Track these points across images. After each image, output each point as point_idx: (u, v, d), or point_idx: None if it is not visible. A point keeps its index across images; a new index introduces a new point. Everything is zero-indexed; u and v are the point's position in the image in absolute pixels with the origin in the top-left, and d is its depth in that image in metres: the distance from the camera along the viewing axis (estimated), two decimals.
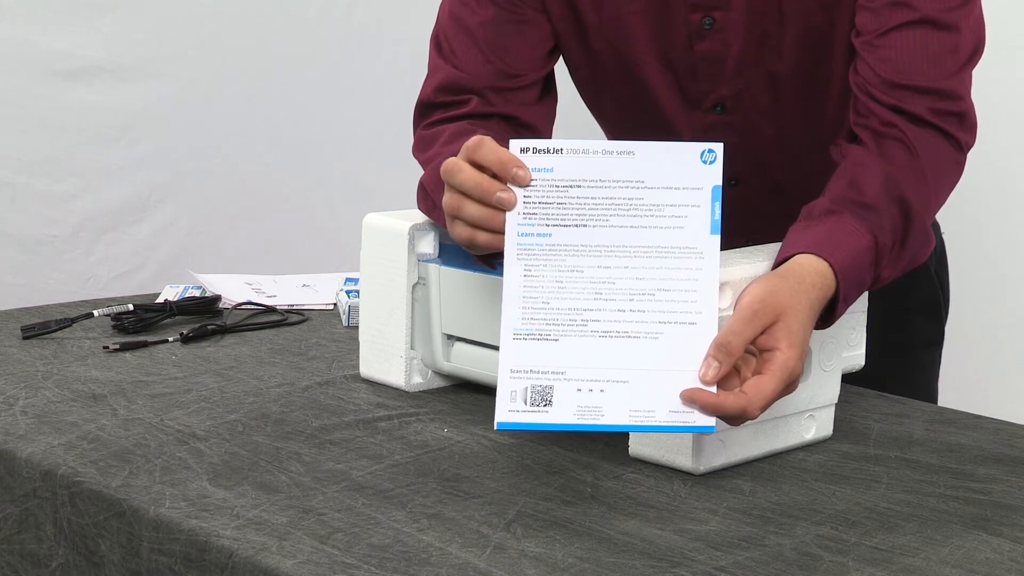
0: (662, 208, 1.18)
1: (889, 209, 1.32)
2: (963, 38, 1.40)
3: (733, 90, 1.51)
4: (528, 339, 1.15)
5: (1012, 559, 1.07)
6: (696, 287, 1.17)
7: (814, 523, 1.13)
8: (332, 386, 1.48)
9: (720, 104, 1.52)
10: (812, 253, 1.25)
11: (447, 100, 1.54)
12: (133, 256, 2.78)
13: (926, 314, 1.70)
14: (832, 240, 1.27)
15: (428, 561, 1.04)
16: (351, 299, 1.74)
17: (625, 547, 1.07)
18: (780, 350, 1.17)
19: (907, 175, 1.35)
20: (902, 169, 1.35)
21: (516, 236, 1.18)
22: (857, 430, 1.37)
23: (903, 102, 1.37)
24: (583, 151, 1.19)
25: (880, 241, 1.30)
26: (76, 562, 1.21)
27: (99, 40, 2.68)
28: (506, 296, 1.16)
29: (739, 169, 1.53)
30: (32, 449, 1.28)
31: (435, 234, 1.45)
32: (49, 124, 2.66)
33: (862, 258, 1.29)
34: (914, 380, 1.66)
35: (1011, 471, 1.27)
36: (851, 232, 1.29)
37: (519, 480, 1.21)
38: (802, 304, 1.21)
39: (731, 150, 1.50)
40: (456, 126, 1.51)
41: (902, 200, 1.33)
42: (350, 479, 1.21)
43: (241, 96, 2.86)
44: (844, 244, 1.28)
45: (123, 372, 1.52)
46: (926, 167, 1.37)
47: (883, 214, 1.31)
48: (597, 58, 1.54)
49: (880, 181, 1.33)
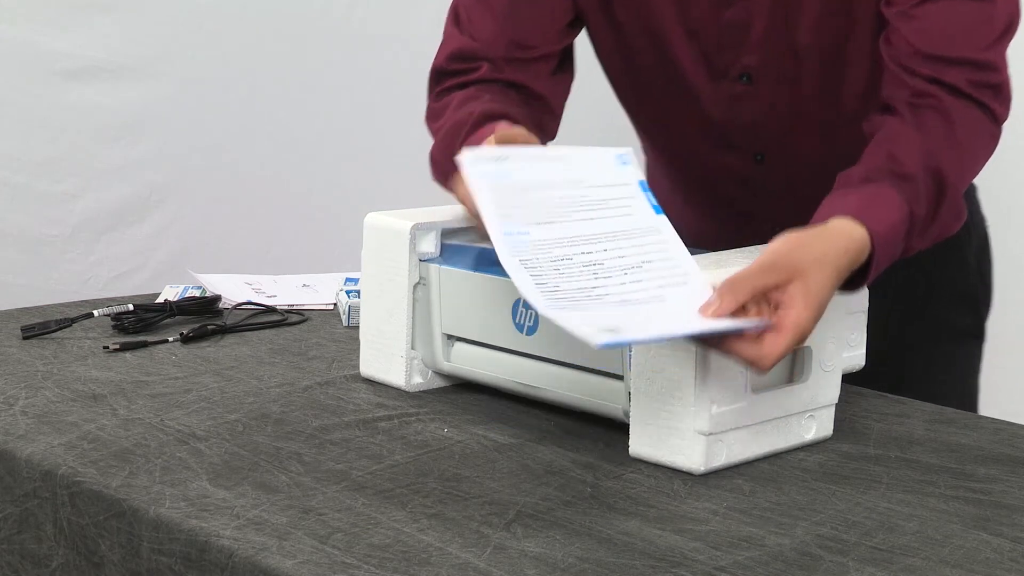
0: (607, 202, 1.27)
1: (925, 181, 1.32)
2: (997, 9, 1.40)
3: (759, 60, 1.50)
4: (565, 310, 1.17)
5: (1012, 559, 1.07)
6: (671, 255, 1.24)
7: (814, 523, 1.13)
8: (332, 386, 1.48)
9: (746, 74, 1.51)
10: (851, 217, 1.26)
11: (458, 68, 1.56)
12: (133, 256, 2.78)
13: (960, 305, 1.67)
14: (871, 208, 1.28)
15: (428, 561, 1.04)
16: (351, 299, 1.74)
17: (625, 547, 1.07)
18: (795, 309, 1.17)
19: (943, 146, 1.35)
20: (938, 140, 1.35)
21: (503, 235, 1.21)
22: (857, 430, 1.37)
23: (940, 73, 1.37)
24: (525, 158, 1.28)
25: (915, 213, 1.30)
26: (76, 562, 1.21)
27: (99, 40, 2.68)
28: (520, 287, 1.18)
29: (764, 144, 1.54)
30: (32, 449, 1.28)
31: (436, 234, 1.45)
32: (49, 124, 2.66)
33: (897, 229, 1.29)
34: (936, 374, 1.63)
35: (1011, 471, 1.27)
36: (889, 201, 1.29)
37: (519, 480, 1.21)
38: (827, 266, 1.21)
39: (756, 124, 1.52)
40: (464, 93, 1.53)
41: (937, 172, 1.33)
42: (350, 479, 1.21)
43: (241, 96, 2.86)
44: (882, 213, 1.28)
45: (123, 372, 1.52)
46: (962, 138, 1.36)
47: (919, 186, 1.31)
48: (622, 29, 1.53)
49: (918, 153, 1.33)
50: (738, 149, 1.57)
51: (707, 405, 1.21)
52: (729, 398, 1.23)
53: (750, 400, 1.25)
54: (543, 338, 1.35)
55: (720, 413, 1.22)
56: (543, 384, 1.37)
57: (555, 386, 1.36)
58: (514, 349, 1.39)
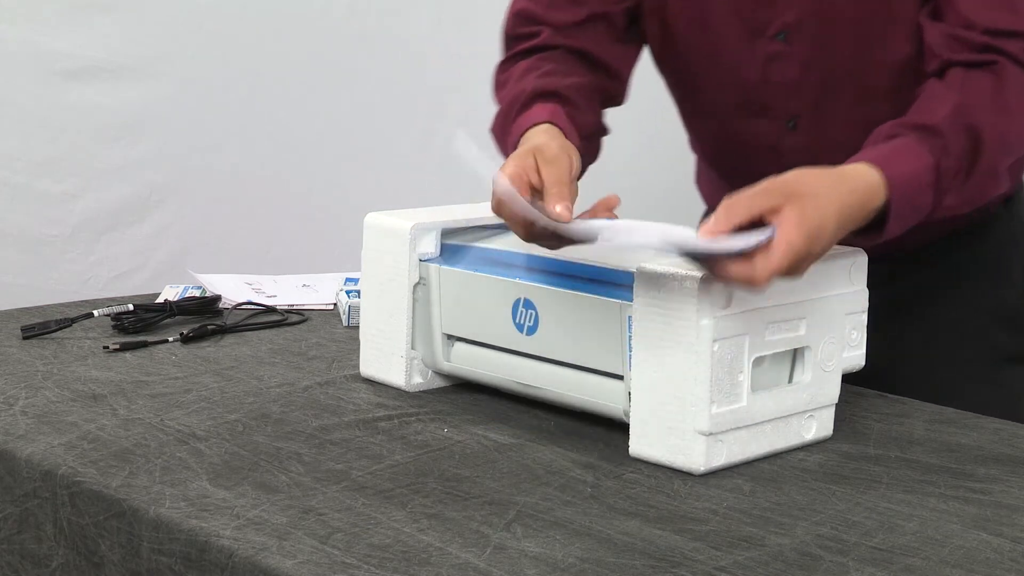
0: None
1: (956, 135, 1.31)
2: None
3: (796, 16, 1.49)
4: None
5: (1012, 559, 1.07)
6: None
7: (814, 523, 1.13)
8: (332, 386, 1.48)
9: (784, 32, 1.50)
10: (868, 163, 1.27)
11: (523, 32, 1.57)
12: (133, 256, 2.78)
13: (1006, 327, 1.62)
14: (890, 157, 1.28)
15: (428, 561, 1.04)
16: (351, 299, 1.74)
17: (625, 547, 1.07)
18: (786, 229, 1.18)
19: (984, 105, 1.34)
20: (979, 98, 1.35)
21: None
22: (857, 430, 1.37)
23: (1000, 43, 1.37)
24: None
25: (943, 165, 1.29)
26: (76, 562, 1.21)
27: (99, 40, 2.68)
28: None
29: (798, 108, 1.53)
30: (32, 449, 1.28)
31: (436, 234, 1.45)
32: (49, 124, 2.66)
33: (920, 178, 1.28)
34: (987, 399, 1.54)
35: (1011, 471, 1.27)
36: (911, 151, 1.29)
37: (519, 480, 1.21)
38: (829, 196, 1.21)
39: (792, 85, 1.50)
40: (527, 63, 1.54)
41: (972, 128, 1.32)
42: (350, 479, 1.21)
43: (241, 96, 2.86)
44: (901, 161, 1.28)
45: (123, 372, 1.52)
46: (1011, 102, 1.35)
47: (948, 138, 1.31)
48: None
49: (949, 107, 1.33)
50: (771, 114, 1.55)
51: (707, 405, 1.21)
52: (729, 398, 1.23)
53: (750, 400, 1.25)
54: (543, 338, 1.36)
55: (720, 413, 1.22)
56: (543, 384, 1.37)
57: (555, 386, 1.36)
58: (514, 349, 1.39)
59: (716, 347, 1.21)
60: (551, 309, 1.35)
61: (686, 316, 1.21)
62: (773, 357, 1.28)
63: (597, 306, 1.30)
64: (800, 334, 1.28)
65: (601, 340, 1.30)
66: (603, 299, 1.30)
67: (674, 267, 1.23)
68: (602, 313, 1.30)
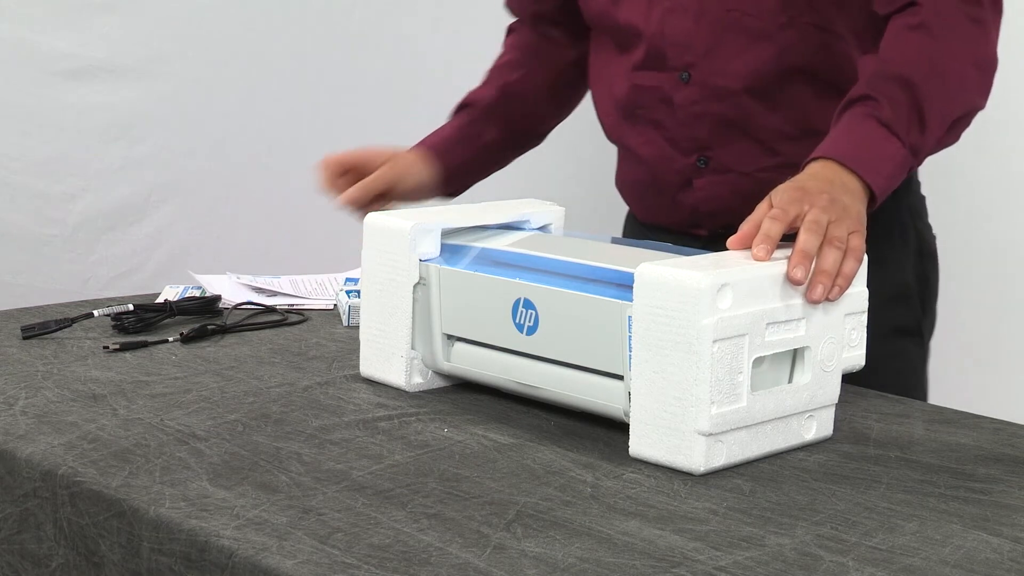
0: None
1: (881, 90, 1.43)
2: None
3: None
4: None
5: (1012, 559, 1.07)
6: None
7: (814, 523, 1.13)
8: (332, 386, 1.48)
9: None
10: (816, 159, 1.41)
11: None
12: (133, 256, 2.78)
13: (901, 302, 1.71)
14: (829, 140, 1.43)
15: (428, 561, 1.04)
16: (351, 299, 1.74)
17: (625, 547, 1.07)
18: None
19: (908, 48, 1.47)
20: (904, 44, 1.47)
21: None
22: (857, 430, 1.37)
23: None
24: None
25: (882, 118, 1.42)
26: (76, 562, 1.21)
27: (99, 40, 2.68)
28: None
29: (691, 58, 1.63)
30: (32, 449, 1.28)
31: (436, 234, 1.45)
32: (49, 124, 2.66)
33: (866, 138, 1.42)
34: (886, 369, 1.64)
35: (1011, 471, 1.27)
36: (845, 126, 1.43)
37: (519, 480, 1.21)
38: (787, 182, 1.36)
39: (687, 34, 1.64)
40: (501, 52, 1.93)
41: (893, 76, 1.44)
42: (350, 479, 1.21)
43: (241, 96, 2.86)
44: (837, 138, 1.43)
45: (123, 372, 1.52)
46: (934, 29, 1.47)
47: (876, 97, 1.43)
48: None
49: (867, 77, 1.46)
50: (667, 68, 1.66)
51: (707, 405, 1.21)
52: (729, 398, 1.23)
53: (750, 400, 1.25)
54: (543, 338, 1.36)
55: (720, 413, 1.22)
56: (543, 384, 1.37)
57: (555, 386, 1.36)
58: (514, 349, 1.39)
59: (716, 347, 1.21)
60: (551, 309, 1.35)
61: (686, 316, 1.21)
62: (773, 357, 1.28)
63: (597, 306, 1.30)
64: (800, 334, 1.28)
65: (601, 340, 1.30)
66: (603, 299, 1.30)
67: (674, 267, 1.23)
68: (602, 313, 1.30)
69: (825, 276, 1.28)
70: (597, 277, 1.33)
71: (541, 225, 1.54)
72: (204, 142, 2.83)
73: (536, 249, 1.41)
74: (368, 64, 2.96)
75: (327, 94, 2.94)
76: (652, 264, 1.24)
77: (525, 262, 1.40)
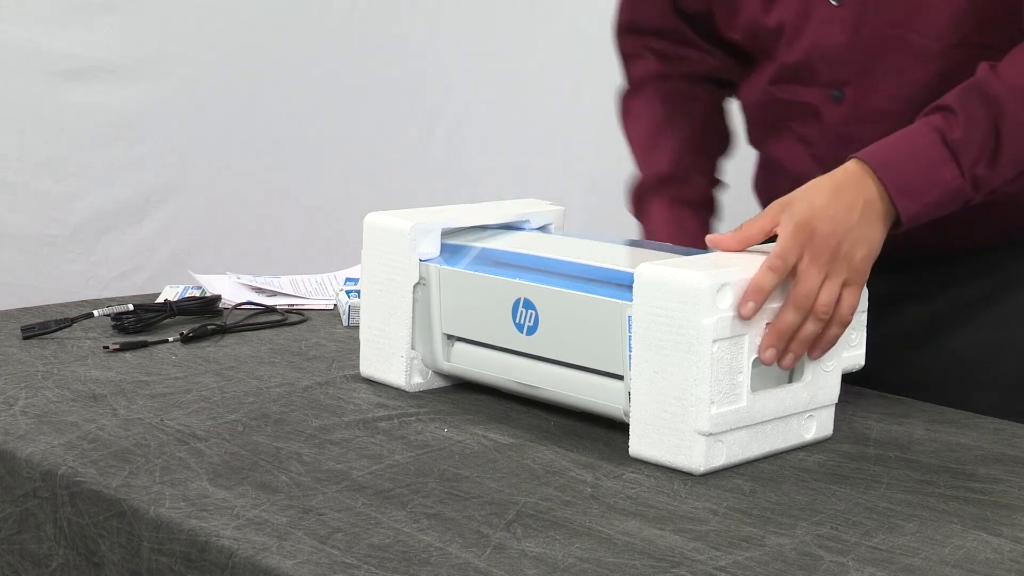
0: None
1: (966, 107, 1.32)
2: None
3: None
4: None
5: (1012, 559, 1.07)
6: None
7: (814, 523, 1.13)
8: (332, 386, 1.48)
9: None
10: (854, 159, 1.32)
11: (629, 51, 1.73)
12: (133, 256, 2.78)
13: None
14: (881, 144, 1.33)
15: (428, 561, 1.04)
16: (351, 299, 1.74)
17: (625, 547, 1.07)
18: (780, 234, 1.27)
19: (1014, 71, 1.34)
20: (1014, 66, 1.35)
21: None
22: (857, 430, 1.37)
23: None
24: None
25: (950, 137, 1.31)
26: (76, 562, 1.21)
27: (99, 40, 2.68)
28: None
29: (846, 75, 1.50)
30: (32, 449, 1.28)
31: (436, 234, 1.45)
32: (49, 124, 2.66)
33: (922, 153, 1.31)
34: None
35: (1011, 471, 1.27)
36: (907, 132, 1.33)
37: (519, 480, 1.21)
38: (810, 190, 1.30)
39: (841, 49, 1.50)
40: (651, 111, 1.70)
41: (988, 96, 1.33)
42: (350, 479, 1.21)
43: (241, 96, 2.86)
44: (891, 143, 1.33)
45: (123, 372, 1.52)
46: None
47: (957, 112, 1.32)
48: None
49: (970, 81, 1.34)
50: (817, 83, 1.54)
51: (707, 405, 1.21)
52: (729, 398, 1.23)
53: (750, 400, 1.25)
54: (543, 338, 1.36)
55: (720, 413, 1.22)
56: (543, 384, 1.37)
57: (555, 386, 1.36)
58: (514, 349, 1.39)
59: (716, 347, 1.21)
60: (551, 309, 1.35)
61: (686, 316, 1.21)
62: None
63: (597, 306, 1.30)
64: None
65: (601, 340, 1.30)
66: (603, 299, 1.30)
67: (674, 267, 1.23)
68: (602, 313, 1.30)
69: (797, 345, 1.26)
70: (597, 277, 1.33)
71: (541, 225, 1.54)
72: (204, 142, 2.83)
73: (536, 249, 1.41)
74: (368, 64, 2.96)
75: (327, 94, 2.94)
76: (652, 264, 1.24)
77: (525, 262, 1.40)
